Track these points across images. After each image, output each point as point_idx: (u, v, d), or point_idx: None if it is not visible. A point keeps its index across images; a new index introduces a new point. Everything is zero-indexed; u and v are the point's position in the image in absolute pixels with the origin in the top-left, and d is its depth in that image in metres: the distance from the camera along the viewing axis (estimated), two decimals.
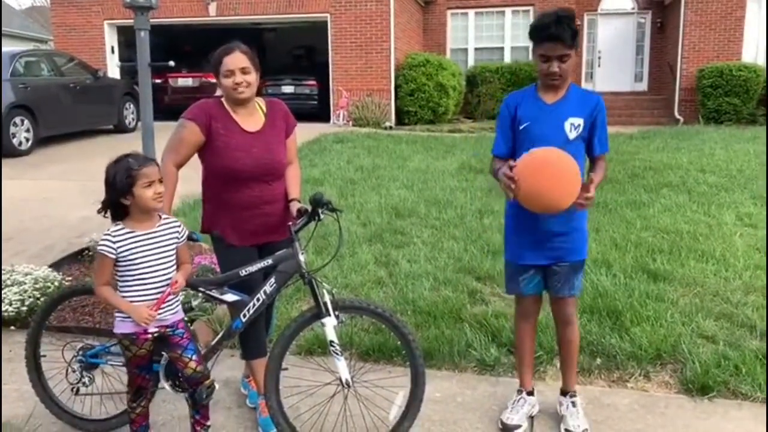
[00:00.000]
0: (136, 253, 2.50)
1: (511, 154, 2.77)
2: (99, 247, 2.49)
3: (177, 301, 2.67)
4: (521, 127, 2.75)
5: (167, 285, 2.56)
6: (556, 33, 2.57)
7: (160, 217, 2.60)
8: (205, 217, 2.95)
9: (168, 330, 2.62)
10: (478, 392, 3.29)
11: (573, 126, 2.70)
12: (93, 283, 2.61)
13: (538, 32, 2.63)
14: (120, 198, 2.47)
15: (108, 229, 2.51)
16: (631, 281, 4.44)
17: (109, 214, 2.54)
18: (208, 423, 2.78)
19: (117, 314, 2.59)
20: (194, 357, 2.64)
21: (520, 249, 2.84)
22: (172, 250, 2.60)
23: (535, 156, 2.56)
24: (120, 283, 2.55)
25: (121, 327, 2.58)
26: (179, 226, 2.64)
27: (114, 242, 2.47)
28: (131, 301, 2.53)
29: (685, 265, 4.78)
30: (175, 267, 2.62)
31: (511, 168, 2.55)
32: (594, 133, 2.74)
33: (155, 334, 2.59)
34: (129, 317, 2.53)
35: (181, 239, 2.64)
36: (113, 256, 2.48)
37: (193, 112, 2.77)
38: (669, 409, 3.11)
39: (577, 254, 2.81)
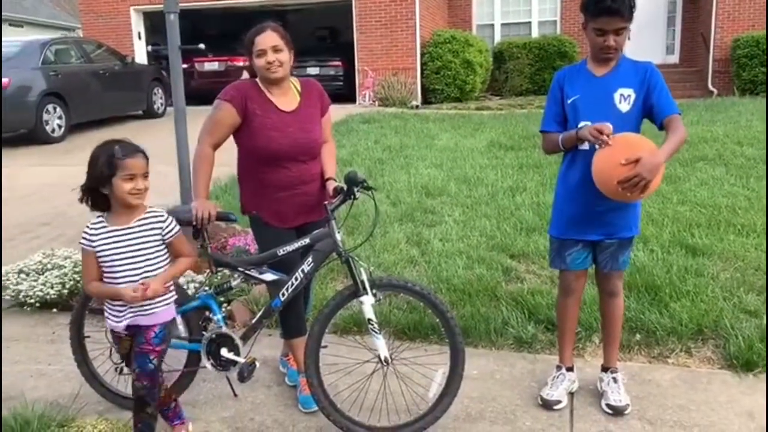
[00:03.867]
0: (111, 249, 2.40)
1: (561, 130, 2.72)
2: (79, 242, 2.44)
3: (155, 304, 2.50)
4: (569, 101, 2.68)
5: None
6: (615, 6, 2.48)
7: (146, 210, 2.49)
8: (244, 198, 2.96)
9: (138, 332, 2.51)
10: (516, 369, 3.28)
11: (623, 97, 2.62)
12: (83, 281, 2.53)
13: (594, 5, 2.52)
14: (98, 186, 2.37)
15: (88, 223, 2.45)
16: (669, 256, 4.36)
17: (90, 203, 2.44)
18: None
19: (105, 308, 2.55)
20: (137, 370, 2.52)
21: (568, 224, 2.78)
22: (155, 246, 2.46)
23: (641, 145, 2.47)
24: (105, 281, 2.47)
25: (106, 323, 2.55)
26: (164, 220, 2.49)
27: (90, 236, 2.40)
28: (107, 304, 2.49)
29: (725, 239, 4.68)
30: (162, 264, 2.49)
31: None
32: (651, 99, 2.60)
33: (126, 335, 2.53)
34: (111, 314, 2.50)
35: (168, 234, 2.48)
36: (91, 250, 2.40)
37: (229, 93, 2.77)
38: (712, 384, 3.06)
39: (628, 230, 2.75)
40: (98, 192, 2.41)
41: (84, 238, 2.42)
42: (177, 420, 2.80)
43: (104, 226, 2.43)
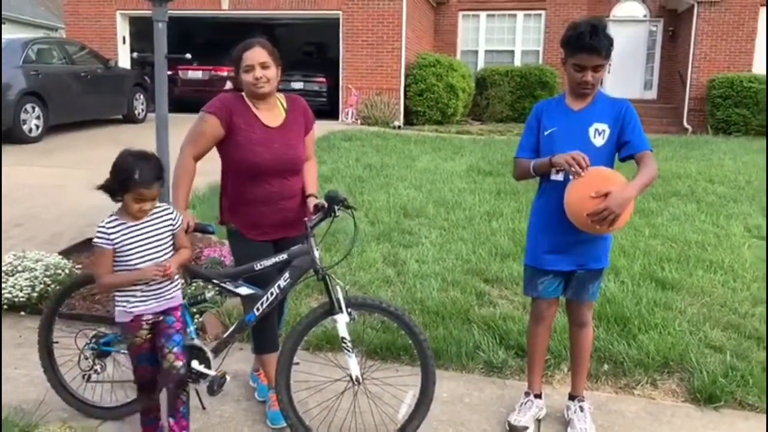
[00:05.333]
0: (131, 244, 2.51)
1: (534, 158, 2.77)
2: (95, 241, 2.51)
3: (174, 287, 2.66)
4: (546, 133, 2.75)
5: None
6: (594, 44, 2.56)
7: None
8: (222, 210, 2.97)
9: (161, 317, 2.62)
10: (486, 393, 3.30)
11: (597, 132, 2.69)
12: (96, 276, 2.59)
13: (575, 42, 2.60)
14: (112, 193, 2.50)
15: (102, 221, 2.53)
16: (639, 288, 4.44)
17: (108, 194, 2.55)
18: None
19: (117, 304, 2.59)
20: (174, 350, 2.60)
21: (542, 253, 2.83)
22: (167, 238, 2.61)
23: (612, 179, 2.53)
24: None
25: (120, 317, 2.60)
26: (172, 213, 2.65)
27: (109, 234, 2.49)
28: (127, 291, 2.55)
29: (693, 274, 4.78)
30: (170, 254, 2.61)
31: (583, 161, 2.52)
32: (625, 135, 2.67)
33: (150, 321, 2.60)
34: (126, 306, 2.55)
35: (176, 226, 2.64)
36: (110, 248, 2.50)
37: (215, 105, 2.79)
38: (676, 417, 3.12)
39: (598, 262, 2.81)
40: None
41: (100, 237, 2.49)
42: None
43: (121, 223, 2.52)
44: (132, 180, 2.43)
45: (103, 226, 2.50)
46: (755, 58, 14.91)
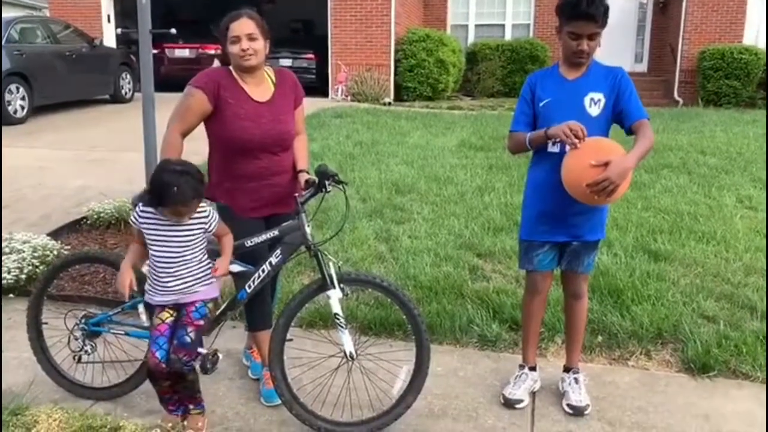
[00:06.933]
0: (156, 234, 2.56)
1: (529, 131, 2.74)
2: (130, 218, 2.66)
3: (200, 283, 2.63)
4: (541, 104, 2.71)
5: (182, 270, 2.58)
6: (591, 11, 2.51)
7: None
8: (210, 186, 2.91)
9: (181, 307, 2.64)
10: (480, 367, 3.30)
11: (593, 101, 2.65)
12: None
13: (570, 9, 2.56)
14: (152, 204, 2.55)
15: (140, 205, 2.60)
16: (632, 260, 4.44)
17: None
18: (174, 409, 2.75)
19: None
20: (174, 342, 2.59)
21: (537, 226, 2.80)
22: (196, 238, 2.59)
23: (611, 149, 2.49)
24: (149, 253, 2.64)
25: (147, 297, 2.68)
26: (207, 216, 2.60)
27: (138, 218, 2.59)
28: (150, 280, 2.63)
29: (686, 245, 4.78)
30: (200, 248, 2.62)
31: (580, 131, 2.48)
32: (621, 104, 2.64)
33: (168, 306, 2.62)
34: (148, 292, 2.65)
35: (211, 227, 2.61)
36: (136, 228, 2.61)
37: (201, 80, 2.72)
38: (670, 387, 3.13)
39: (594, 233, 2.79)
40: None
41: (132, 217, 2.63)
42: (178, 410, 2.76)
43: (154, 213, 2.56)
44: (170, 197, 2.43)
45: (138, 210, 2.59)
46: (746, 30, 14.84)
